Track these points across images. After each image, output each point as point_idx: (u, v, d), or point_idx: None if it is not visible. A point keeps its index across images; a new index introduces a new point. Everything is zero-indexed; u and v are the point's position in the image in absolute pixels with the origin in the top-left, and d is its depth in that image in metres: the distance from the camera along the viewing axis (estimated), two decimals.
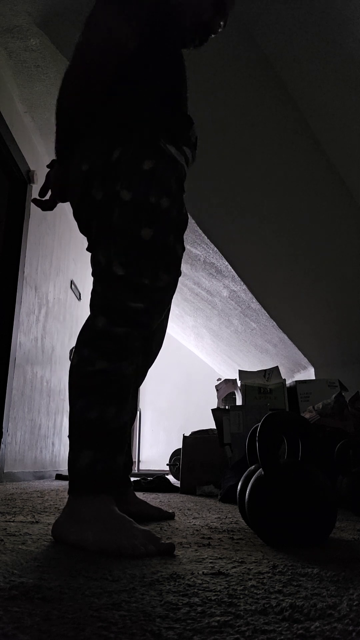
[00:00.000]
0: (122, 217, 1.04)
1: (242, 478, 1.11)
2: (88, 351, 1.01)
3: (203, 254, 3.53)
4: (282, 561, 0.77)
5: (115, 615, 0.48)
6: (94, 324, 1.03)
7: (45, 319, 3.64)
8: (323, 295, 3.40)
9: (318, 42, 2.02)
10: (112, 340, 1.01)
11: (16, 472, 3.02)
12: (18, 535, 0.94)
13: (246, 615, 0.50)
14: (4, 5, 2.33)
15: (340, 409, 2.01)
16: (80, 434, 0.96)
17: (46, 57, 2.63)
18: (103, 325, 1.02)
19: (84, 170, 1.09)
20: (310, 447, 0.99)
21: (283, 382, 2.75)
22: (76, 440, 0.96)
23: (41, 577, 0.62)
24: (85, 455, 0.94)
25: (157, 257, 1.05)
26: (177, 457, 3.90)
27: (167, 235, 1.06)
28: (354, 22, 1.87)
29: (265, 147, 2.62)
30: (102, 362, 0.99)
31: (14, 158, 2.93)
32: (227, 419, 2.45)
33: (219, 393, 4.38)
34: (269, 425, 0.97)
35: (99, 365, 0.99)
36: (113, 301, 1.03)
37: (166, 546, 0.81)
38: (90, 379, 0.99)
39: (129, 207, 1.03)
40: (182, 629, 0.45)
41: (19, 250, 3.04)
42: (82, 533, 0.84)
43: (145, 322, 1.05)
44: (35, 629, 0.43)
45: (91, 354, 1.00)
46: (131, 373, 1.04)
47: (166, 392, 7.05)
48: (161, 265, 1.06)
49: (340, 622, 0.48)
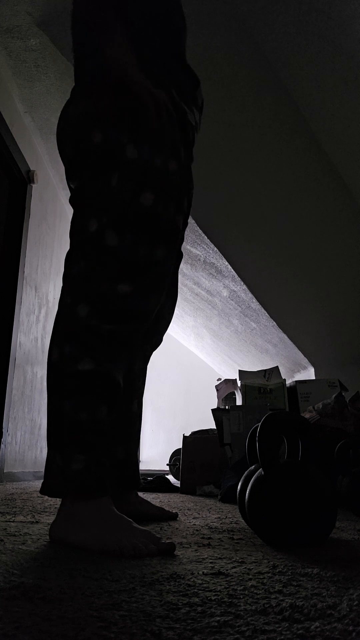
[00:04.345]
0: (123, 177, 0.93)
1: (242, 478, 1.11)
2: (70, 348, 0.91)
3: (203, 254, 3.54)
4: (282, 561, 0.77)
5: (115, 615, 0.48)
6: (76, 314, 0.91)
7: (45, 319, 3.64)
8: (323, 295, 3.40)
9: (318, 42, 2.02)
10: (97, 337, 0.91)
11: (16, 472, 3.02)
12: (18, 535, 0.94)
13: (246, 615, 0.50)
14: (4, 5, 2.33)
15: (340, 409, 2.01)
16: (71, 437, 0.89)
17: (46, 57, 2.63)
18: (86, 315, 0.91)
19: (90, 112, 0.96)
20: (310, 447, 0.99)
21: (283, 382, 2.75)
22: (65, 443, 0.89)
23: (41, 577, 0.62)
24: (78, 459, 0.88)
25: (155, 226, 0.94)
26: (177, 457, 3.90)
27: (169, 203, 0.96)
28: (354, 22, 1.87)
29: (265, 147, 2.62)
30: (87, 362, 0.90)
31: (14, 158, 2.93)
32: (227, 419, 2.45)
33: (219, 393, 4.38)
34: (269, 425, 0.97)
35: (85, 365, 0.90)
36: (100, 284, 0.91)
37: (167, 546, 0.81)
38: (75, 378, 0.90)
39: (133, 166, 0.93)
40: (182, 629, 0.45)
41: (19, 250, 3.04)
42: (82, 534, 0.84)
43: (136, 310, 0.93)
44: (35, 629, 0.43)
45: (74, 351, 0.90)
46: (119, 377, 0.94)
47: (166, 392, 7.05)
48: (158, 237, 0.95)
49: (340, 622, 0.48)
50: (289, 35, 2.04)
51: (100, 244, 0.92)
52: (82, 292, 0.92)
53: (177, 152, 0.97)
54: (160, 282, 0.98)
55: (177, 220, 0.99)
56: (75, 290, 0.93)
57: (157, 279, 0.97)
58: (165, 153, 0.95)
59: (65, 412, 0.90)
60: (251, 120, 2.50)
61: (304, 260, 3.21)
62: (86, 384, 0.90)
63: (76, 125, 0.98)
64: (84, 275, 0.93)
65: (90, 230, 0.94)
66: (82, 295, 0.92)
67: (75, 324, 0.91)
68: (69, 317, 0.92)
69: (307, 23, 1.97)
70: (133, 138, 0.93)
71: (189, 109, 1.04)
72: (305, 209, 2.87)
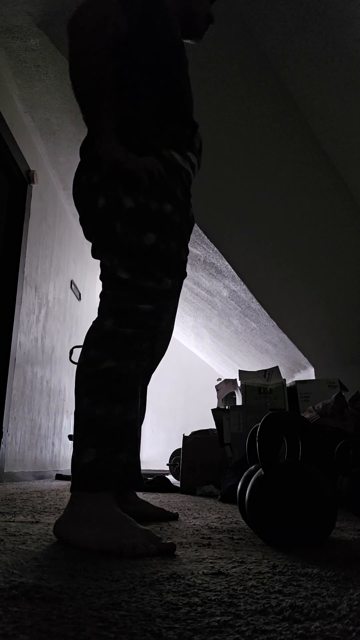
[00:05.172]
0: (125, 224, 1.05)
1: (242, 478, 1.11)
2: (94, 351, 1.02)
3: (203, 254, 3.54)
4: (282, 561, 0.77)
5: (115, 615, 0.48)
6: (102, 325, 1.04)
7: (45, 319, 3.64)
8: (323, 295, 3.40)
9: (318, 42, 2.02)
10: (119, 340, 1.02)
11: (16, 472, 3.02)
12: (18, 535, 0.94)
13: (246, 615, 0.50)
14: (4, 5, 2.33)
15: (340, 409, 2.01)
16: (85, 431, 0.97)
17: (46, 57, 2.63)
18: (110, 326, 1.03)
19: (93, 182, 1.10)
20: (310, 447, 0.99)
21: (283, 382, 2.75)
22: (81, 438, 0.97)
23: (41, 577, 0.62)
24: (89, 452, 0.94)
25: (160, 261, 1.06)
26: (177, 457, 3.90)
27: (170, 240, 1.07)
28: (354, 22, 1.87)
29: (265, 147, 2.62)
30: (108, 361, 1.00)
31: (14, 158, 2.93)
32: (227, 419, 2.44)
33: (219, 393, 4.38)
34: (269, 425, 0.97)
35: (106, 364, 1.00)
36: (122, 303, 1.04)
37: (167, 546, 0.81)
38: (97, 377, 0.99)
39: (132, 214, 1.05)
40: (182, 629, 0.45)
41: (19, 250, 3.04)
42: (83, 533, 0.84)
43: (153, 323, 1.05)
44: (35, 629, 0.43)
45: (98, 354, 1.01)
46: (138, 372, 1.04)
47: (166, 392, 7.05)
48: (164, 270, 1.06)
49: (340, 622, 0.48)
50: (289, 35, 2.04)
51: (116, 279, 1.06)
52: (108, 310, 1.05)
53: (172, 195, 1.08)
54: (170, 306, 1.11)
55: (180, 253, 1.10)
56: (103, 310, 1.07)
57: (166, 304, 1.09)
58: (159, 198, 1.06)
59: (83, 408, 0.99)
60: (251, 120, 2.50)
61: (304, 260, 3.21)
62: (105, 382, 0.99)
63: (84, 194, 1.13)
64: (110, 299, 1.07)
65: (109, 270, 1.09)
66: (109, 312, 1.05)
67: (100, 332, 1.04)
68: (96, 329, 1.05)
69: (307, 23, 1.97)
70: (128, 192, 1.05)
71: (182, 156, 1.13)
72: (305, 208, 2.87)
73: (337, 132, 2.37)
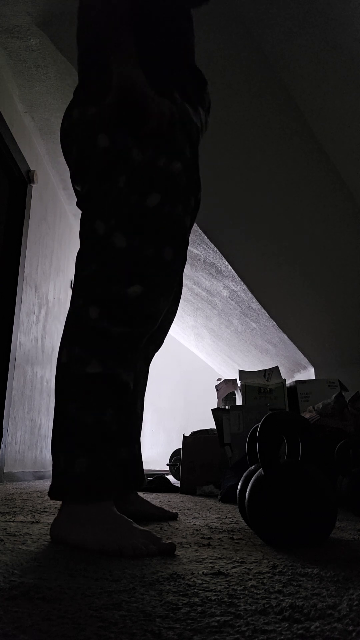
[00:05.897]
0: (129, 179, 0.93)
1: (242, 478, 1.11)
2: (79, 350, 0.91)
3: (203, 254, 3.53)
4: (282, 561, 0.77)
5: (115, 615, 0.48)
6: (86, 315, 0.91)
7: (45, 319, 3.64)
8: (323, 295, 3.40)
9: (318, 42, 2.02)
10: (107, 339, 0.91)
11: (16, 472, 3.02)
12: (18, 535, 0.94)
13: (246, 615, 0.50)
14: (4, 5, 2.33)
15: (340, 409, 2.01)
16: (76, 439, 0.89)
17: (46, 57, 2.63)
18: (96, 318, 0.91)
19: (89, 114, 0.97)
20: (310, 447, 0.99)
21: (283, 382, 2.75)
22: (69, 446, 0.89)
23: (41, 577, 0.62)
24: (82, 462, 0.87)
25: (163, 227, 0.94)
26: (177, 457, 3.90)
27: (176, 203, 0.96)
28: (354, 22, 1.87)
29: (265, 147, 2.62)
30: (95, 365, 0.89)
31: (14, 158, 2.93)
32: (227, 419, 2.44)
33: (219, 393, 4.38)
34: (269, 425, 0.97)
35: (93, 368, 0.89)
36: (108, 286, 0.91)
37: (167, 546, 0.81)
38: (83, 381, 0.90)
39: (138, 169, 0.93)
40: (182, 629, 0.45)
41: (19, 250, 3.04)
42: (83, 533, 0.84)
43: (146, 312, 0.94)
44: (35, 629, 0.43)
45: (83, 354, 0.90)
46: (129, 379, 0.94)
47: (166, 392, 7.05)
48: (166, 237, 0.95)
49: (340, 622, 0.48)
50: (289, 35, 2.04)
51: (109, 246, 0.93)
52: (93, 294, 0.93)
53: (181, 153, 0.97)
54: (170, 283, 0.98)
55: (185, 220, 0.99)
56: (87, 292, 0.94)
57: (167, 280, 0.97)
58: (169, 154, 0.95)
59: (70, 414, 0.90)
60: (251, 121, 2.50)
61: (304, 260, 3.21)
62: (93, 387, 0.90)
63: (82, 129, 0.98)
64: (95, 278, 0.93)
65: (99, 232, 0.94)
66: (93, 298, 0.92)
67: (85, 326, 0.92)
68: (79, 318, 0.93)
69: (307, 23, 1.97)
70: (137, 142, 0.94)
71: (193, 109, 1.04)
72: (306, 208, 2.86)
73: (337, 132, 2.37)
